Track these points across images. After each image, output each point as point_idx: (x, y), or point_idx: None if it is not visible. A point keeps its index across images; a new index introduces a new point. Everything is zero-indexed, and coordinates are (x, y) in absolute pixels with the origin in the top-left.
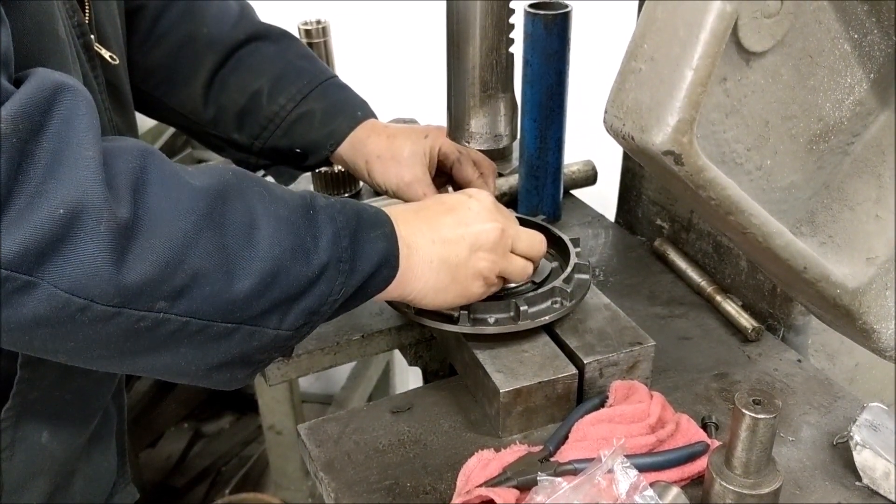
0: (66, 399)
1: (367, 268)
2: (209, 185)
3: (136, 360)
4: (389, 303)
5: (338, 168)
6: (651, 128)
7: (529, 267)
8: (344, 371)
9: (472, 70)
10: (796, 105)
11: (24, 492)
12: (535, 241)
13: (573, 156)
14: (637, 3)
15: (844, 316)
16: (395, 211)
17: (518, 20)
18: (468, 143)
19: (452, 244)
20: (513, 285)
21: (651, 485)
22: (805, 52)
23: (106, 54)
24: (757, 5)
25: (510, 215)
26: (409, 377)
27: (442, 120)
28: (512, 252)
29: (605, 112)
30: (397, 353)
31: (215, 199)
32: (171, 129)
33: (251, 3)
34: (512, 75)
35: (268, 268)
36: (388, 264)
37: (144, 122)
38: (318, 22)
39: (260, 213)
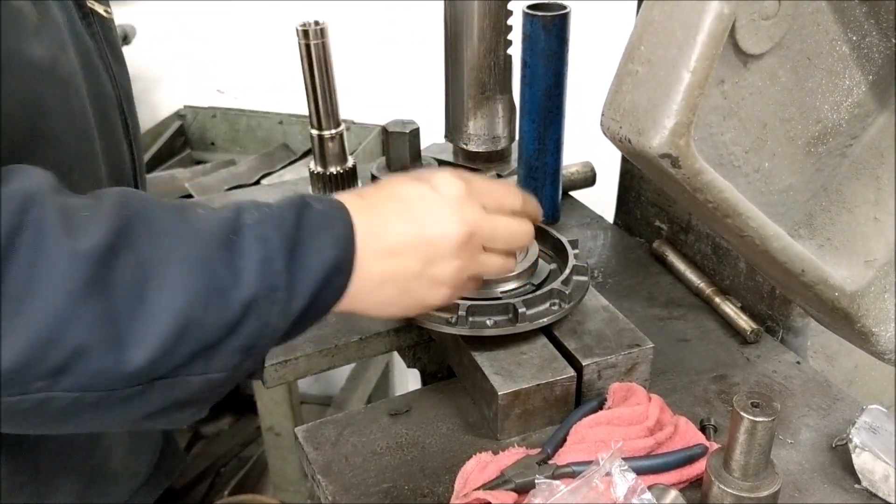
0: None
1: (311, 286)
2: (95, 244)
3: (53, 429)
4: None
5: (337, 168)
6: (648, 130)
7: (509, 262)
8: (343, 372)
9: (469, 72)
10: (794, 107)
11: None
12: (515, 234)
13: (572, 157)
14: (636, 3)
15: (843, 319)
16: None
17: (516, 21)
18: (466, 144)
19: (401, 256)
20: (511, 287)
21: (649, 488)
22: (803, 54)
23: (100, 9)
24: (755, 7)
25: (489, 192)
26: (408, 378)
27: (440, 121)
28: (490, 249)
29: (602, 115)
30: (396, 354)
31: (101, 258)
32: (171, 130)
33: (250, 4)
34: (510, 77)
35: (171, 325)
36: (340, 271)
37: (144, 123)
38: (317, 23)
39: (157, 262)
